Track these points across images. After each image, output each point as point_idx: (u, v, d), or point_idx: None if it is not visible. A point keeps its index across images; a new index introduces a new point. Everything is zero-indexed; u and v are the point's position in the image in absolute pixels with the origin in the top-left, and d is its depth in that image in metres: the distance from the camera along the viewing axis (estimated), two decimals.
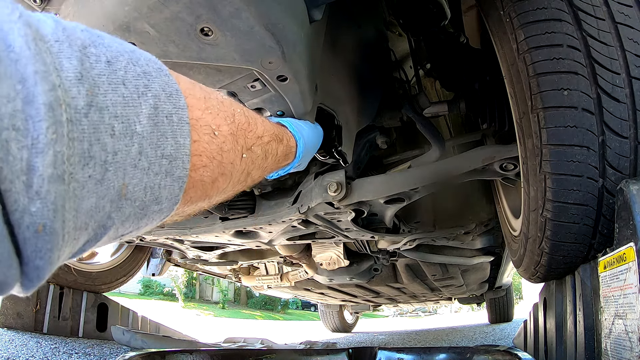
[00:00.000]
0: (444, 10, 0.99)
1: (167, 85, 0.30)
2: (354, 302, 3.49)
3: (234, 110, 0.41)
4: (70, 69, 0.23)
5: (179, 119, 0.30)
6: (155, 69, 0.30)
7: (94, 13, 0.54)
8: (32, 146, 0.19)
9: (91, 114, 0.23)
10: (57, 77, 0.22)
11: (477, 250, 1.78)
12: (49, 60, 0.22)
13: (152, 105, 0.28)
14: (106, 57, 0.26)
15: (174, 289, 14.67)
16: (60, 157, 0.21)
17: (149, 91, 0.28)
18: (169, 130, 0.29)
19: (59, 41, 0.23)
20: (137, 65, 0.28)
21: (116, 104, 0.25)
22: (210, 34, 0.54)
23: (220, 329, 6.15)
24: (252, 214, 1.21)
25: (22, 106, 0.19)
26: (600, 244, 0.76)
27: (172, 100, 0.30)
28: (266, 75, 0.63)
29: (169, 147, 0.29)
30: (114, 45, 0.28)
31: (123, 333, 1.73)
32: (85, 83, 0.23)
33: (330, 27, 0.80)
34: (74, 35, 0.25)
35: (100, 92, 0.24)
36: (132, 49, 0.30)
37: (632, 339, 0.57)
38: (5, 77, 0.19)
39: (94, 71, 0.24)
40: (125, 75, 0.27)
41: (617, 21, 0.74)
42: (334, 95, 0.89)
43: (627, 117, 0.71)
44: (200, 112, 0.35)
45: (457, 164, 0.99)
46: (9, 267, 0.19)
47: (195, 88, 0.36)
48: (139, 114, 0.27)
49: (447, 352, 1.18)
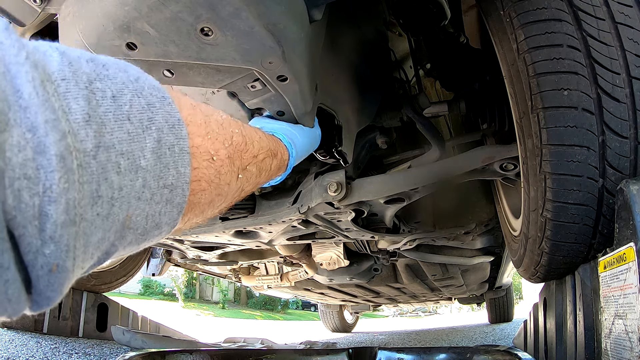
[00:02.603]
0: (444, 10, 0.99)
1: (169, 116, 0.31)
2: (354, 302, 3.49)
3: (232, 132, 0.42)
4: (78, 110, 0.23)
5: (180, 149, 0.31)
6: (159, 98, 0.31)
7: (94, 13, 0.54)
8: (43, 194, 0.20)
9: (99, 155, 0.24)
10: (66, 123, 0.22)
11: (477, 250, 1.78)
12: (57, 105, 0.22)
13: (156, 138, 0.29)
14: (111, 92, 0.27)
15: (174, 289, 14.67)
16: (72, 203, 0.22)
17: (153, 124, 0.29)
18: (171, 161, 0.30)
19: (65, 79, 0.24)
20: (142, 96, 0.29)
21: (122, 141, 0.26)
22: (210, 34, 0.54)
23: (220, 329, 6.15)
24: (252, 214, 1.21)
25: (33, 155, 0.20)
26: (600, 244, 0.76)
27: (174, 132, 0.31)
28: (266, 75, 0.63)
29: (170, 177, 0.30)
30: (119, 76, 0.28)
31: (123, 333, 1.73)
32: (92, 124, 0.24)
33: (330, 27, 0.79)
34: (80, 70, 0.25)
35: (107, 131, 0.25)
36: (136, 76, 0.30)
37: (632, 339, 0.57)
38: (15, 124, 0.20)
39: (100, 109, 0.25)
40: (130, 109, 0.28)
41: (617, 21, 0.74)
42: (334, 95, 0.89)
43: (627, 117, 0.71)
44: (200, 138, 0.36)
45: (457, 164, 0.99)
46: (18, 303, 0.21)
47: (196, 113, 0.37)
48: (143, 148, 0.28)
49: (447, 352, 1.18)
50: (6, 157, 0.19)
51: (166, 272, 2.16)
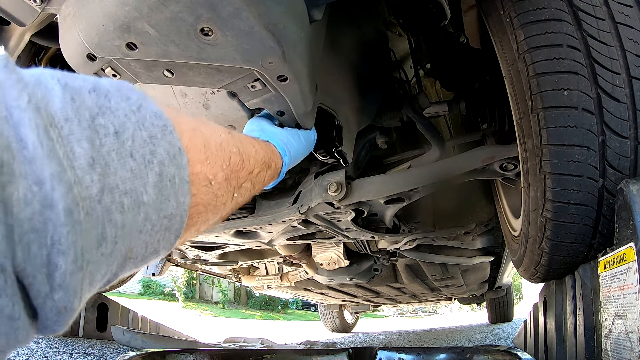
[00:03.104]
0: (444, 10, 0.99)
1: (170, 146, 0.31)
2: (354, 302, 3.49)
3: (230, 152, 0.43)
4: (82, 154, 0.23)
5: (181, 179, 0.32)
6: (161, 128, 0.31)
7: (94, 13, 0.54)
8: (52, 246, 0.21)
9: (104, 198, 0.24)
10: (71, 172, 0.22)
11: (477, 250, 1.78)
12: (61, 153, 0.22)
13: (158, 172, 0.29)
14: (114, 127, 0.27)
15: (174, 289, 14.67)
16: (80, 252, 0.22)
17: (155, 157, 0.29)
18: (172, 192, 0.30)
19: (68, 120, 0.24)
20: (144, 128, 0.29)
21: (125, 180, 0.26)
22: (211, 34, 0.54)
23: (220, 329, 6.15)
24: (252, 213, 1.21)
25: (40, 209, 0.20)
26: (600, 244, 0.76)
27: (175, 162, 0.31)
28: (266, 75, 0.63)
29: (170, 207, 0.30)
30: (121, 108, 0.28)
31: (123, 333, 1.73)
32: (97, 167, 0.24)
33: (331, 27, 0.80)
34: (82, 105, 0.25)
35: (110, 172, 0.25)
36: (138, 104, 0.30)
37: (632, 339, 0.57)
38: (21, 176, 0.20)
39: (104, 149, 0.25)
40: (133, 144, 0.28)
41: (617, 21, 0.74)
42: (334, 95, 0.89)
43: (627, 117, 0.71)
44: (199, 165, 0.36)
45: (457, 164, 0.99)
46: (27, 341, 0.22)
47: (196, 137, 0.37)
48: (145, 184, 0.28)
49: (447, 352, 1.18)
50: (14, 213, 0.19)
51: (166, 272, 2.16)
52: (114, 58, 0.60)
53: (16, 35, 0.83)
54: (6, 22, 0.80)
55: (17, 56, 0.87)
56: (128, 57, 0.59)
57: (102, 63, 0.61)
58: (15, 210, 0.19)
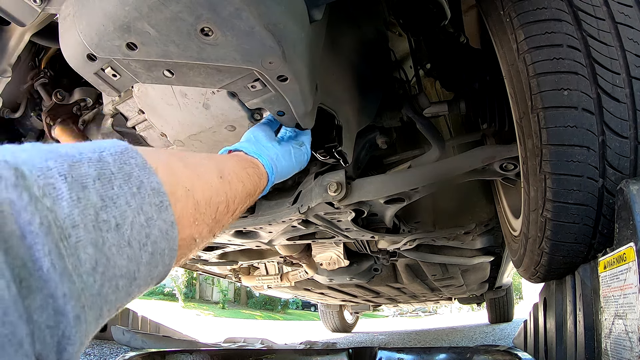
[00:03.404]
0: (444, 10, 0.99)
1: (164, 224, 0.34)
2: (354, 302, 3.49)
3: (218, 204, 0.45)
4: (87, 260, 0.27)
5: (170, 249, 0.35)
6: (157, 206, 0.34)
7: (94, 13, 0.54)
8: (62, 337, 0.25)
9: (104, 289, 0.28)
10: (79, 281, 0.26)
11: (477, 250, 1.78)
12: (71, 266, 0.26)
13: (150, 252, 0.32)
14: (115, 221, 0.30)
15: (174, 289, 14.67)
16: (83, 337, 0.27)
17: (149, 239, 0.32)
18: (160, 261, 0.34)
19: (75, 226, 0.27)
20: (142, 212, 0.32)
21: (122, 267, 0.30)
22: (211, 34, 0.54)
23: (220, 329, 6.15)
24: (252, 214, 1.21)
25: (54, 315, 0.25)
26: (600, 244, 0.76)
27: (167, 237, 0.34)
28: (266, 76, 0.63)
29: (157, 272, 0.34)
30: (122, 194, 0.31)
31: (123, 333, 1.73)
32: (99, 267, 0.28)
33: (331, 27, 0.79)
34: (88, 202, 0.28)
35: (110, 265, 0.29)
36: (139, 183, 0.33)
37: (632, 339, 0.57)
38: (37, 290, 0.24)
39: (105, 246, 0.28)
40: (131, 232, 0.31)
41: (617, 21, 0.74)
42: (334, 95, 0.89)
43: (627, 117, 0.71)
44: (188, 229, 0.39)
45: (457, 164, 0.99)
46: None
47: (189, 201, 0.40)
48: (139, 264, 0.31)
49: (447, 352, 1.18)
50: (33, 320, 0.24)
51: None
52: (114, 58, 0.60)
53: (16, 35, 0.83)
54: (6, 22, 0.80)
55: (17, 56, 0.87)
56: (128, 57, 0.59)
57: (102, 63, 0.61)
58: (35, 317, 0.24)
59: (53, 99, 1.11)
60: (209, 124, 0.87)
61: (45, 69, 1.15)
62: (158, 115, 0.90)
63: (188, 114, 0.86)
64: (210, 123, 0.87)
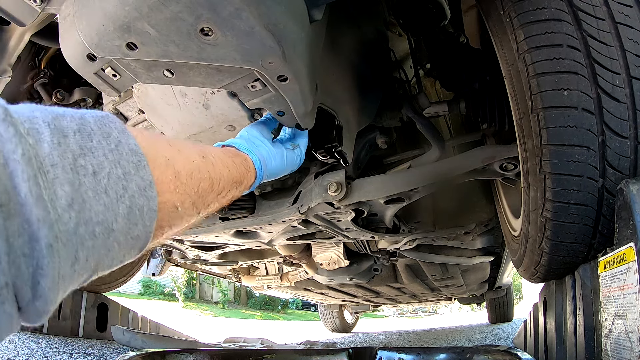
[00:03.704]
0: (444, 10, 0.99)
1: (142, 181, 0.35)
2: (354, 302, 3.49)
3: (200, 179, 0.46)
4: (63, 196, 0.28)
5: (149, 208, 0.36)
6: (135, 164, 0.35)
7: (94, 13, 0.54)
8: (35, 268, 0.26)
9: (79, 229, 0.29)
10: (54, 212, 0.27)
11: (477, 250, 1.78)
12: (47, 197, 0.27)
13: (128, 205, 0.33)
14: (93, 168, 0.31)
15: (174, 289, 14.67)
16: (57, 273, 0.28)
17: (127, 192, 0.33)
18: (140, 219, 0.35)
19: (54, 165, 0.28)
20: (119, 166, 0.33)
21: (99, 213, 0.31)
22: (211, 34, 0.54)
23: (220, 329, 6.15)
24: (252, 214, 1.21)
25: (29, 241, 0.26)
26: (600, 244, 0.76)
27: (145, 194, 0.35)
28: (266, 75, 0.63)
29: (137, 231, 0.35)
30: (101, 148, 0.33)
31: (123, 333, 1.73)
32: (75, 205, 0.29)
33: (331, 27, 0.79)
34: (67, 147, 0.30)
35: (86, 207, 0.30)
36: (117, 141, 0.34)
37: (632, 339, 0.57)
38: (15, 215, 0.26)
39: (82, 188, 0.30)
40: (108, 182, 0.32)
41: (617, 21, 0.74)
42: (334, 95, 0.89)
43: (627, 117, 0.71)
44: (168, 194, 0.40)
45: (457, 164, 0.99)
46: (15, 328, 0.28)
47: (169, 169, 0.41)
48: (116, 215, 0.32)
49: (447, 352, 1.18)
50: (10, 241, 0.25)
51: (166, 272, 2.16)
52: (114, 58, 0.60)
53: (16, 35, 0.83)
54: (6, 22, 0.80)
55: (17, 56, 0.87)
56: (128, 57, 0.59)
57: (102, 63, 0.61)
58: (11, 240, 0.25)
59: (53, 99, 1.11)
60: (209, 124, 0.87)
61: (45, 69, 1.15)
62: (158, 115, 0.90)
63: (188, 114, 0.86)
64: (210, 123, 0.87)
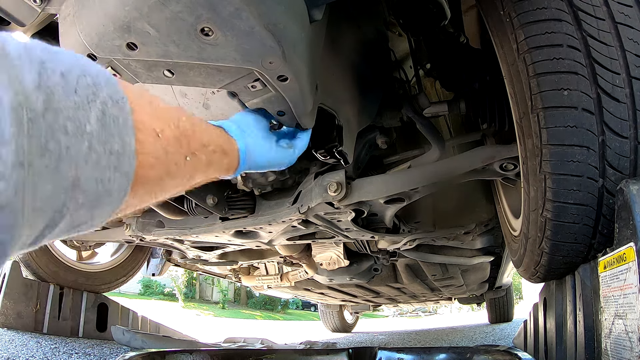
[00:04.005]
0: (444, 10, 0.99)
1: (114, 94, 0.35)
2: (354, 302, 3.49)
3: (179, 117, 0.45)
4: (30, 79, 0.28)
5: (124, 120, 0.35)
6: (105, 79, 0.35)
7: (94, 13, 0.54)
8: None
9: (47, 115, 0.28)
10: (19, 86, 0.27)
11: (477, 250, 1.78)
12: (12, 73, 0.27)
13: (100, 109, 0.33)
14: (61, 70, 0.31)
15: (174, 289, 14.66)
16: (21, 148, 0.26)
17: (97, 98, 0.33)
18: (116, 131, 0.34)
19: (20, 58, 0.29)
20: (88, 76, 0.33)
21: (69, 108, 0.30)
22: (211, 34, 0.54)
23: (220, 329, 6.15)
24: (252, 214, 1.21)
25: None
26: (600, 244, 0.76)
27: (118, 106, 0.35)
28: (266, 75, 0.63)
29: (116, 144, 0.34)
30: (69, 60, 0.33)
31: (123, 333, 1.73)
32: (42, 90, 0.29)
33: (331, 27, 0.80)
34: (34, 53, 0.30)
35: (55, 99, 0.29)
36: (85, 62, 0.35)
37: (632, 339, 0.57)
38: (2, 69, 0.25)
39: (50, 81, 0.30)
40: (77, 85, 0.32)
41: (617, 21, 0.74)
42: (334, 95, 0.89)
43: (627, 117, 0.71)
44: (146, 116, 0.39)
45: (457, 164, 0.99)
46: None
47: (143, 97, 0.40)
48: (88, 116, 0.32)
49: (447, 352, 1.18)
50: None
51: (166, 272, 2.17)
52: (114, 58, 0.60)
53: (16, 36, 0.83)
54: (6, 22, 0.80)
55: None
56: (128, 57, 0.59)
57: (102, 63, 0.61)
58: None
59: None
60: None
61: None
62: None
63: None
64: None
